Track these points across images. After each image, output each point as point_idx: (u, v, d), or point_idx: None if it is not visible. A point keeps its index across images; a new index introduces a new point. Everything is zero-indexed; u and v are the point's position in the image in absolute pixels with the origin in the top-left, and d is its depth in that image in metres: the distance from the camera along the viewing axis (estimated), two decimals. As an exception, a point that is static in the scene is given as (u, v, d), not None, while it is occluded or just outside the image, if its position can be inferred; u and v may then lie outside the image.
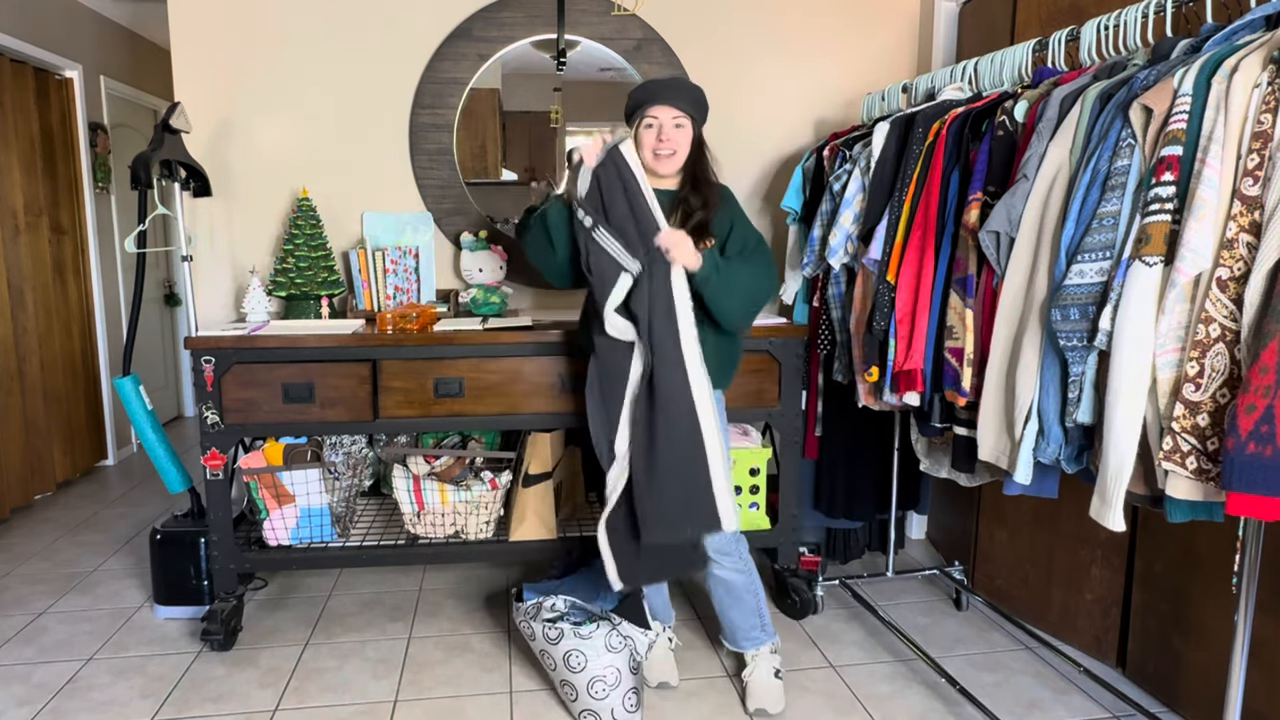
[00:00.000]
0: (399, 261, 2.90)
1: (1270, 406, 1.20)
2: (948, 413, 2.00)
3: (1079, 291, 1.52)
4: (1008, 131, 1.83)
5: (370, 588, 2.89)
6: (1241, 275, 1.30)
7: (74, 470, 4.08)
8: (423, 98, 3.01)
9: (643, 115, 2.04)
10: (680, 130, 2.04)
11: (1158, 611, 2.21)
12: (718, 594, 2.19)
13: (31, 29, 3.76)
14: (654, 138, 2.03)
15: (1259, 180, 1.29)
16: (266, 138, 2.98)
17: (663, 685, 2.25)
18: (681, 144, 2.05)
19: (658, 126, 2.03)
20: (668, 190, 2.10)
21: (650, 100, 2.03)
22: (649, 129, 2.04)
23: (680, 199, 2.08)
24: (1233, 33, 1.47)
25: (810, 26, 3.18)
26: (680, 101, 2.03)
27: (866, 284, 2.24)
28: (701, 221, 2.05)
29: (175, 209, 2.79)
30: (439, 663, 2.40)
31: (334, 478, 2.56)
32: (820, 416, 2.79)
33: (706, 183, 2.09)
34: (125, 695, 2.23)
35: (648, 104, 2.03)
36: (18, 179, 3.68)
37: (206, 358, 2.35)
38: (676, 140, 2.04)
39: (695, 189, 2.07)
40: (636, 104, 2.06)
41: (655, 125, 2.03)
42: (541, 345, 2.44)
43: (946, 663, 2.36)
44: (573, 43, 3.04)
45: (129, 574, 3.00)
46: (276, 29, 2.94)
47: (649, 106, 2.03)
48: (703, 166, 2.10)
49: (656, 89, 2.05)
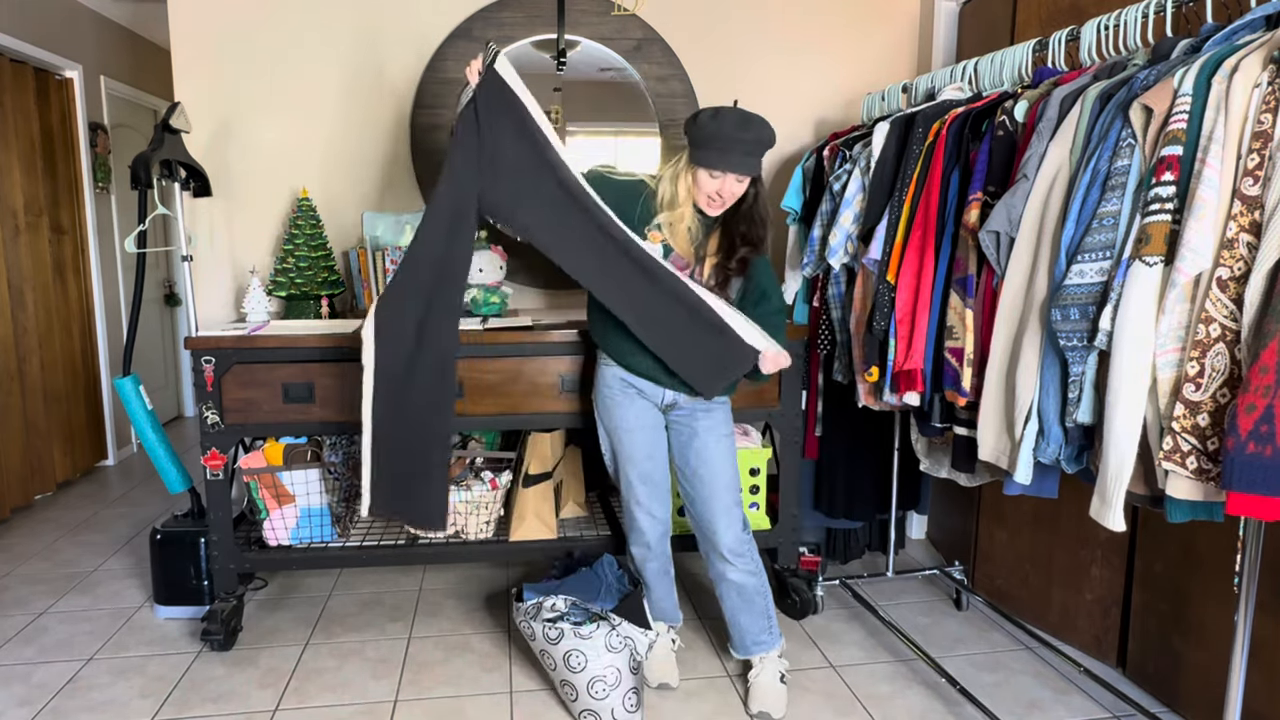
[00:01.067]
0: (399, 261, 2.89)
1: (1270, 406, 1.20)
2: (948, 413, 2.00)
3: (1079, 291, 1.52)
4: (1008, 131, 1.83)
5: (370, 588, 2.89)
6: (1242, 275, 1.30)
7: (74, 470, 4.08)
8: (423, 98, 3.01)
9: (711, 166, 1.93)
10: (740, 185, 1.97)
11: (1158, 611, 2.21)
12: (730, 599, 2.19)
13: (31, 29, 3.76)
14: (714, 189, 1.96)
15: (1259, 180, 1.29)
16: (266, 138, 2.98)
17: (663, 686, 2.25)
18: (738, 193, 1.99)
19: (721, 182, 1.95)
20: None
21: (725, 161, 1.91)
22: (712, 179, 1.95)
23: (725, 222, 2.04)
24: (1233, 33, 1.47)
25: (810, 26, 3.18)
26: (755, 167, 1.95)
27: (866, 284, 2.25)
28: (744, 260, 2.04)
29: (175, 209, 2.79)
30: (439, 663, 2.40)
31: (334, 478, 2.56)
32: (820, 416, 2.79)
33: (761, 223, 2.04)
34: (125, 695, 2.23)
35: (721, 163, 1.91)
36: (18, 179, 3.68)
37: (206, 358, 2.35)
38: (732, 196, 1.98)
39: (750, 224, 2.03)
40: (708, 144, 1.91)
41: (719, 180, 1.95)
42: (541, 345, 2.44)
43: (947, 663, 2.36)
44: (573, 43, 3.04)
45: (129, 574, 3.00)
46: (276, 28, 2.94)
47: (722, 167, 1.92)
48: (760, 206, 2.03)
49: (737, 149, 1.90)
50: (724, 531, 2.13)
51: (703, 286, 2.02)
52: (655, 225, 2.06)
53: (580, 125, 3.15)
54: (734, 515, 2.14)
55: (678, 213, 2.02)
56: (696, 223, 2.04)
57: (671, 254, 2.06)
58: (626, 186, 2.08)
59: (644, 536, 2.21)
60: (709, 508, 2.13)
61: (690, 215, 2.03)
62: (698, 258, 2.07)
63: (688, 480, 2.16)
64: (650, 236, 2.05)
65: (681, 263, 2.06)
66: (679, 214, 2.02)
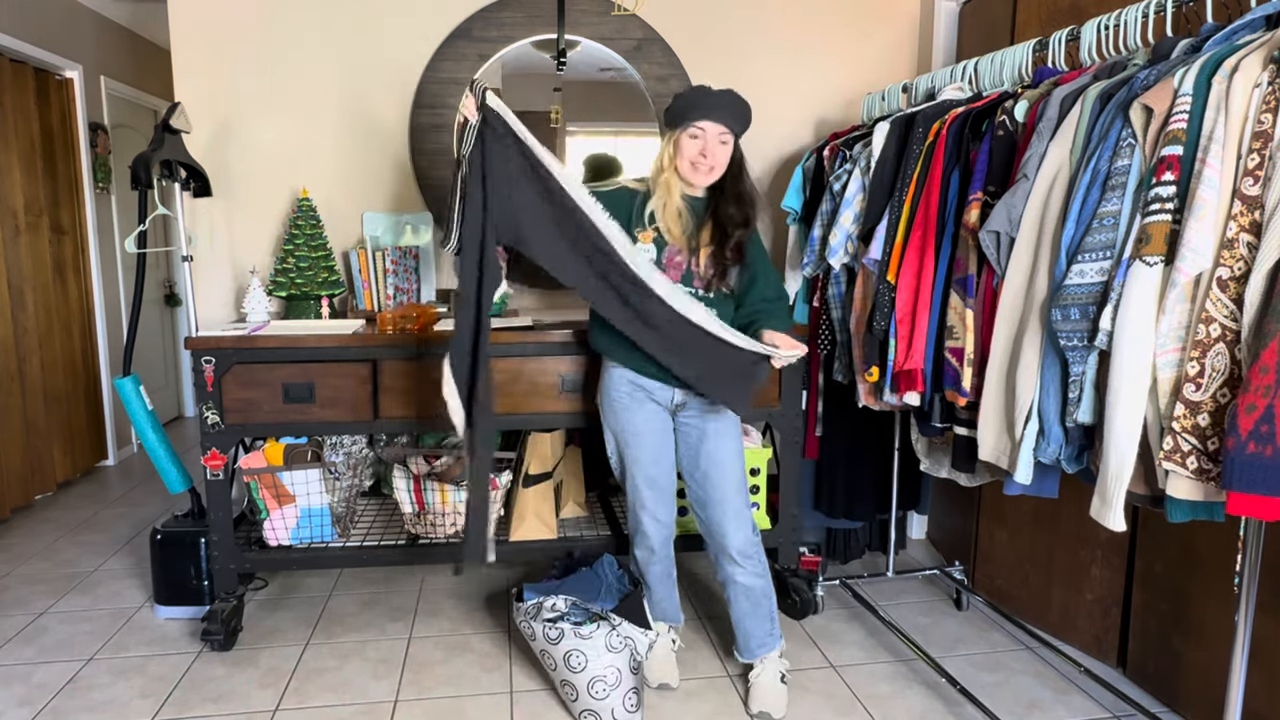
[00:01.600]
0: (399, 261, 2.90)
1: (1270, 406, 1.20)
2: (948, 413, 2.00)
3: (1079, 291, 1.52)
4: (1008, 131, 1.83)
5: (370, 588, 2.89)
6: (1242, 275, 1.30)
7: (74, 470, 4.08)
8: (423, 98, 3.01)
9: (689, 124, 1.98)
10: (724, 146, 2.00)
11: (1158, 611, 2.21)
12: (739, 603, 2.18)
13: (31, 29, 3.76)
14: (697, 150, 1.98)
15: (1259, 180, 1.29)
16: (266, 138, 2.98)
17: (663, 686, 2.24)
18: (722, 160, 2.01)
19: (703, 140, 1.98)
20: (698, 198, 2.09)
21: (700, 112, 1.96)
22: (694, 140, 1.98)
23: (714, 209, 2.05)
24: (1233, 32, 1.47)
25: (810, 26, 3.18)
26: (729, 119, 1.98)
27: (866, 284, 2.24)
28: (740, 243, 2.04)
29: (175, 209, 2.79)
30: (439, 663, 2.40)
31: (334, 478, 2.56)
32: (820, 416, 2.79)
33: (749, 202, 2.05)
34: (125, 695, 2.23)
35: (696, 115, 1.97)
36: (18, 179, 3.68)
37: (207, 358, 2.35)
38: (718, 156, 2.00)
39: (738, 203, 2.04)
40: (684, 110, 1.98)
41: (701, 138, 1.98)
42: (541, 345, 2.44)
43: (947, 663, 2.36)
44: (573, 43, 3.04)
45: (129, 574, 3.00)
46: (276, 29, 2.94)
47: (698, 119, 1.97)
48: (745, 183, 2.06)
49: (709, 102, 1.97)
50: (734, 534, 2.12)
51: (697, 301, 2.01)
52: (643, 224, 2.06)
53: (580, 125, 3.15)
54: (743, 518, 2.13)
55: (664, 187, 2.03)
56: (686, 206, 2.05)
57: (666, 248, 2.05)
58: (612, 196, 2.08)
59: (648, 540, 2.21)
60: (719, 510, 2.12)
61: (678, 194, 2.04)
62: (691, 248, 2.06)
63: (697, 483, 2.15)
64: (641, 237, 2.06)
65: (677, 256, 2.06)
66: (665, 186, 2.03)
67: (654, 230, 2.06)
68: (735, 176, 2.05)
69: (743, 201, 2.05)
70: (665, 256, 2.05)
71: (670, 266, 2.05)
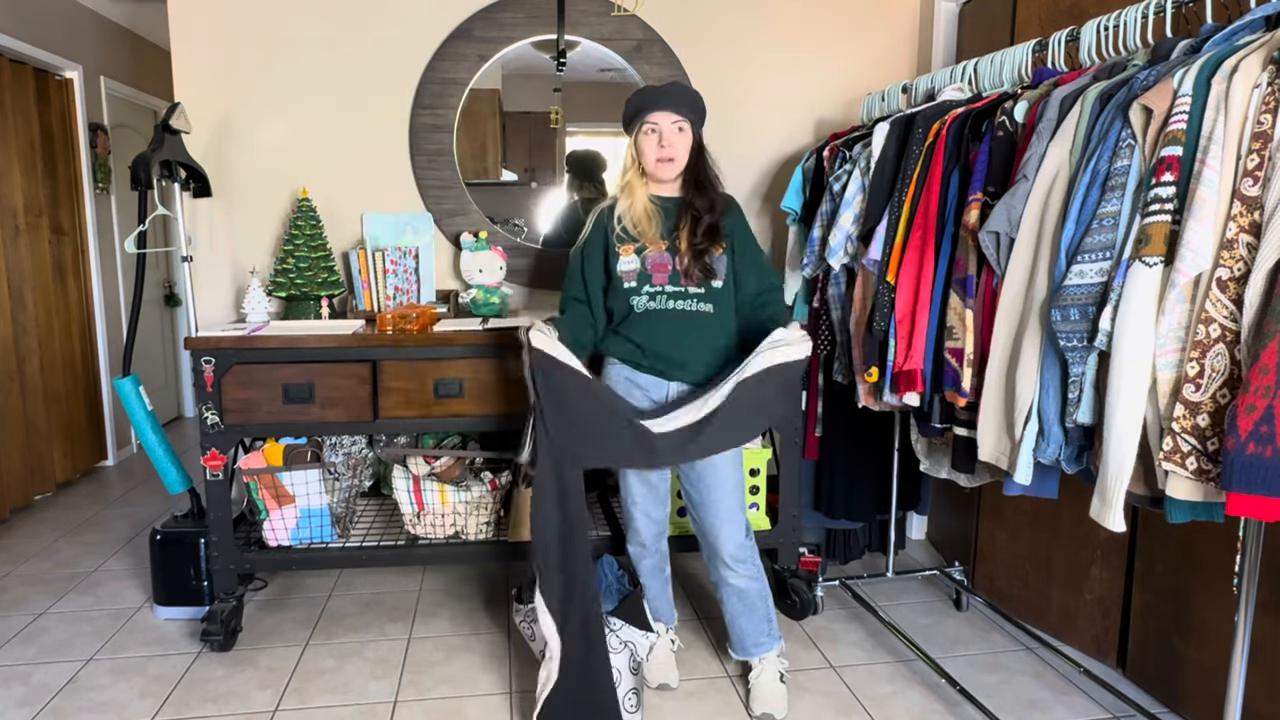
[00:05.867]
0: (399, 262, 2.90)
1: (1270, 407, 1.20)
2: (948, 413, 2.00)
3: (1079, 292, 1.52)
4: (1008, 132, 1.83)
5: (370, 588, 2.89)
6: (1241, 275, 1.30)
7: (74, 471, 4.08)
8: (423, 98, 3.01)
9: (642, 122, 2.05)
10: (681, 135, 2.06)
11: (1158, 612, 2.21)
12: (731, 603, 2.18)
13: (31, 29, 3.76)
14: (655, 144, 2.05)
15: (1259, 180, 1.29)
16: (266, 138, 2.98)
17: (663, 686, 2.24)
18: (682, 149, 2.07)
19: (659, 133, 2.04)
20: (671, 197, 2.13)
21: (649, 106, 2.05)
22: (649, 135, 2.05)
23: (686, 203, 2.10)
24: (1233, 33, 1.47)
25: (810, 26, 3.18)
26: (679, 106, 2.05)
27: (866, 284, 2.24)
28: (711, 226, 2.07)
29: (175, 209, 2.79)
30: (439, 663, 2.40)
31: (334, 478, 2.56)
32: (820, 417, 2.79)
33: (711, 185, 2.11)
34: (125, 696, 2.23)
35: (647, 110, 2.05)
36: (18, 179, 3.68)
37: (206, 358, 2.35)
38: (677, 145, 2.06)
39: (700, 192, 2.09)
40: (635, 111, 2.08)
41: (656, 131, 2.05)
42: (541, 345, 2.43)
43: (946, 663, 2.36)
44: (573, 43, 3.04)
45: (129, 574, 3.00)
46: (276, 29, 2.94)
47: (648, 113, 2.04)
48: (704, 169, 2.11)
49: (655, 95, 2.07)
50: (726, 538, 2.12)
51: (696, 407, 2.01)
52: (618, 238, 2.10)
53: (580, 125, 3.15)
54: (737, 521, 2.13)
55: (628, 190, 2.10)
56: (656, 207, 2.10)
57: (646, 254, 2.08)
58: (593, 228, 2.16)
59: (640, 535, 2.22)
60: (712, 513, 2.12)
61: (642, 194, 2.10)
62: (672, 248, 2.08)
63: (691, 484, 2.15)
64: (622, 252, 2.10)
65: (659, 258, 2.07)
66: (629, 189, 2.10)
67: (633, 243, 2.10)
68: (696, 163, 2.10)
69: (706, 188, 2.10)
70: (649, 263, 2.08)
71: (655, 270, 2.07)
